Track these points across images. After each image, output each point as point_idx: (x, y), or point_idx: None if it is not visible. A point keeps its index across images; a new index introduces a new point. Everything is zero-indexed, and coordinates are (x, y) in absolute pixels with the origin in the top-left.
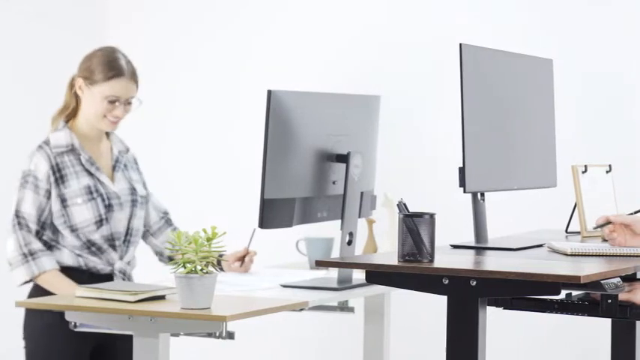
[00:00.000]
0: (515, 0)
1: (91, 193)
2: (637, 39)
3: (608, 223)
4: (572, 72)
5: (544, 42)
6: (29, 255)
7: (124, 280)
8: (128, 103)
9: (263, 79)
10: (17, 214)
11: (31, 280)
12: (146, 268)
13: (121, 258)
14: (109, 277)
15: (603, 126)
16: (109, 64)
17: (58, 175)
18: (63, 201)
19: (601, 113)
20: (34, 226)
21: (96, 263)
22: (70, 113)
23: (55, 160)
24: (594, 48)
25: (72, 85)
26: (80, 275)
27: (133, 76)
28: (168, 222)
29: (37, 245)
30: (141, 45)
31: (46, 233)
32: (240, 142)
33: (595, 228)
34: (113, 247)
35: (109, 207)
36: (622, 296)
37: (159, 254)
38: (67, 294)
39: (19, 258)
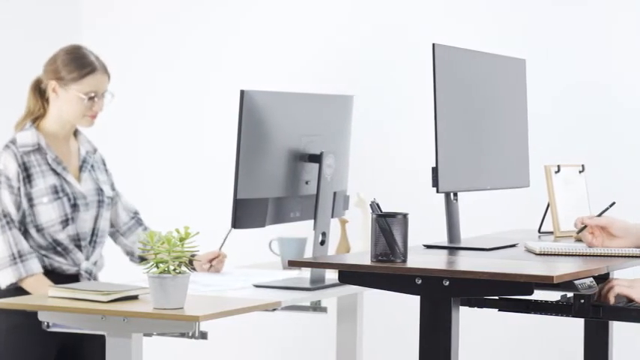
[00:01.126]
0: (488, 0)
1: (57, 192)
2: (609, 39)
3: (585, 226)
4: (545, 72)
5: (517, 42)
6: (18, 257)
7: (89, 280)
8: (103, 96)
9: (236, 79)
10: (3, 214)
11: (16, 282)
12: (115, 269)
13: (87, 258)
14: (74, 278)
15: (576, 126)
16: (81, 62)
17: (25, 175)
18: (29, 200)
19: (574, 113)
20: (19, 225)
21: (61, 264)
22: (35, 118)
23: (22, 159)
24: (567, 48)
25: (37, 88)
26: (46, 276)
27: (106, 70)
28: (138, 222)
29: (25, 246)
30: (115, 45)
31: None
32: (213, 142)
33: (578, 233)
34: (79, 247)
35: (74, 207)
36: (620, 290)
37: (130, 254)
38: (39, 294)
39: (7, 259)
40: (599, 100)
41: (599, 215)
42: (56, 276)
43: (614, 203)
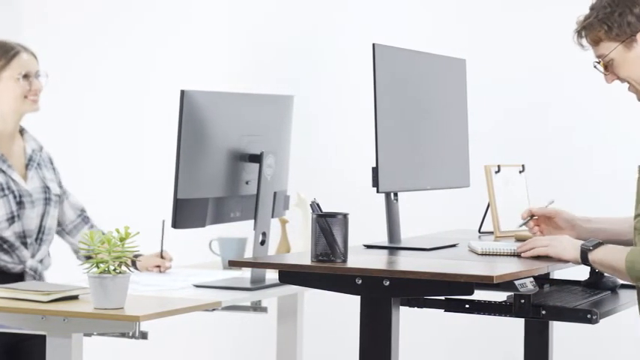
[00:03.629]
0: (428, 0)
1: (2, 190)
2: (548, 40)
3: (532, 216)
4: (485, 72)
5: (457, 42)
6: None
7: (35, 278)
8: (37, 76)
9: (176, 79)
10: None
11: None
12: (63, 267)
13: (33, 256)
14: (19, 276)
15: (516, 126)
16: (3, 49)
17: None
18: None
19: (514, 113)
20: None
21: (7, 262)
22: None
23: None
24: (506, 48)
25: None
26: None
27: (29, 50)
28: (84, 220)
29: None
30: (55, 45)
31: None
32: (153, 142)
33: (521, 225)
34: (25, 244)
35: (20, 204)
36: (538, 251)
37: (76, 252)
38: None
39: None
40: (539, 101)
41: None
42: (1, 275)
43: (552, 201)
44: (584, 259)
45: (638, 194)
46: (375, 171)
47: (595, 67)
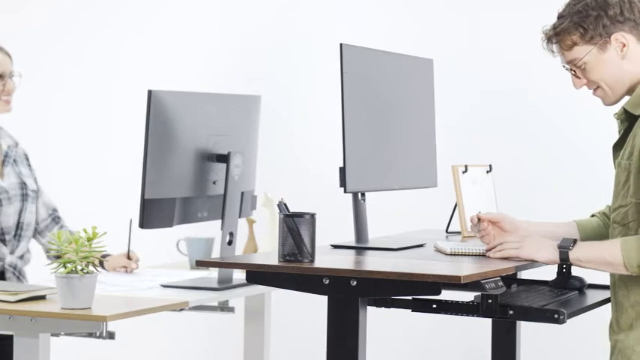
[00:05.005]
0: (395, 0)
1: None
2: (517, 40)
3: (479, 220)
4: (452, 72)
5: (424, 42)
6: None
7: (14, 274)
8: (11, 77)
9: (143, 79)
10: None
11: None
12: (35, 267)
13: (12, 252)
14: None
15: (483, 126)
16: None
17: None
18: None
19: (481, 113)
20: None
21: None
22: None
23: None
24: (474, 48)
25: None
26: None
27: (4, 50)
28: (55, 220)
29: None
30: (22, 45)
31: None
32: (120, 142)
33: (472, 230)
34: (3, 241)
35: None
36: (508, 253)
37: (47, 252)
38: None
39: None
40: (506, 101)
41: None
42: None
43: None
44: (564, 259)
45: (617, 188)
46: (343, 171)
47: (569, 69)
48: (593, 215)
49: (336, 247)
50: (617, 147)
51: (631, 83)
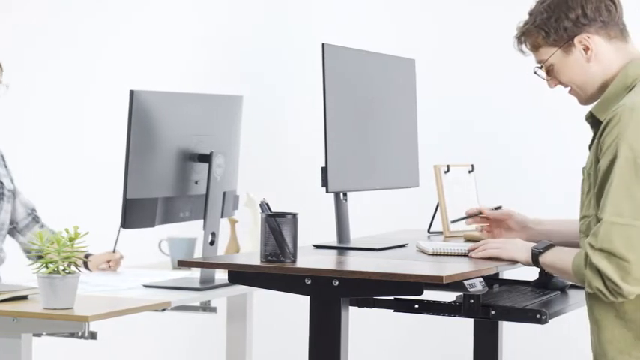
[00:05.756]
0: (378, 0)
1: None
2: (497, 40)
3: (480, 213)
4: (434, 72)
5: (406, 42)
6: None
7: None
8: None
9: (125, 79)
10: None
11: None
12: (14, 266)
13: None
14: None
15: (466, 126)
16: None
17: None
18: None
19: (463, 113)
20: None
21: None
22: None
23: None
24: (456, 48)
25: None
26: None
27: None
28: (35, 219)
29: None
30: (0, 44)
31: None
32: (102, 141)
33: (460, 219)
34: None
35: None
36: (490, 252)
37: (27, 252)
38: None
39: None
40: (488, 101)
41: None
42: None
43: (500, 207)
44: (535, 262)
45: (582, 196)
46: (325, 171)
47: (535, 72)
48: None
49: (318, 247)
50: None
51: (602, 83)
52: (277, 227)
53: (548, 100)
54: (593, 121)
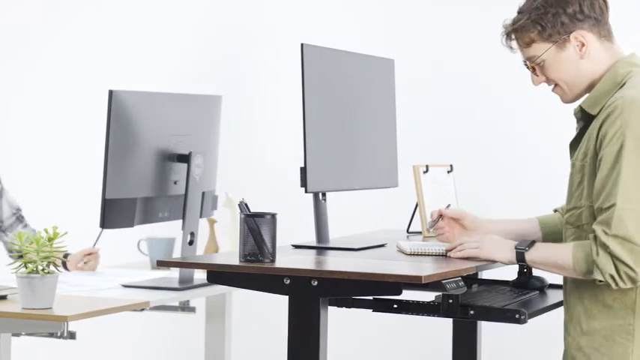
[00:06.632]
0: (356, 0)
1: None
2: (477, 40)
3: (441, 216)
4: (413, 72)
5: (386, 42)
6: None
7: None
8: None
9: (105, 79)
10: None
11: None
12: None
13: None
14: None
15: (444, 126)
16: None
17: None
18: None
19: (442, 113)
20: None
21: None
22: None
23: None
24: (434, 48)
25: None
26: None
27: None
28: (19, 219)
29: None
30: None
31: None
32: (82, 142)
33: (431, 226)
34: None
35: None
36: (469, 253)
37: (10, 251)
38: None
39: None
40: (467, 101)
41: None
42: None
43: (449, 205)
44: (521, 260)
45: (572, 189)
46: (304, 171)
47: (526, 66)
48: (555, 210)
49: (297, 247)
50: (573, 146)
51: (590, 82)
52: (256, 227)
53: (529, 100)
54: (583, 115)
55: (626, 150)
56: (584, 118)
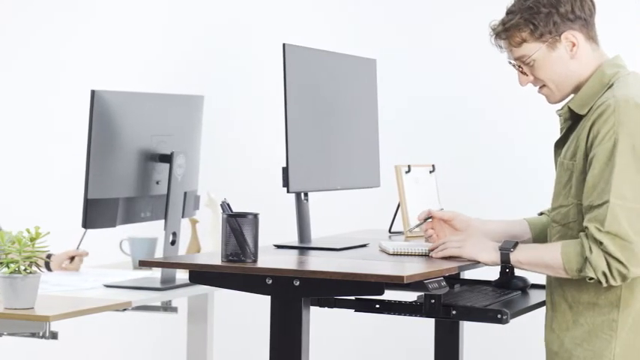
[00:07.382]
0: (339, 0)
1: None
2: (460, 39)
3: (430, 217)
4: (395, 72)
5: (367, 42)
6: None
7: None
8: None
9: (86, 79)
10: None
11: None
12: None
13: None
14: None
15: (427, 126)
16: None
17: None
18: None
19: (424, 113)
20: None
21: None
22: None
23: None
24: (417, 48)
25: None
26: None
27: None
28: None
29: None
30: None
31: None
32: (64, 142)
33: (416, 226)
34: None
35: None
36: (451, 252)
37: None
38: None
39: None
40: (449, 101)
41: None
42: None
43: (442, 209)
44: (506, 261)
45: (558, 187)
46: (286, 171)
47: (515, 66)
48: (541, 213)
49: (279, 247)
50: (559, 145)
51: (577, 82)
52: (238, 227)
53: (511, 100)
54: (570, 115)
55: (620, 148)
56: (572, 118)
